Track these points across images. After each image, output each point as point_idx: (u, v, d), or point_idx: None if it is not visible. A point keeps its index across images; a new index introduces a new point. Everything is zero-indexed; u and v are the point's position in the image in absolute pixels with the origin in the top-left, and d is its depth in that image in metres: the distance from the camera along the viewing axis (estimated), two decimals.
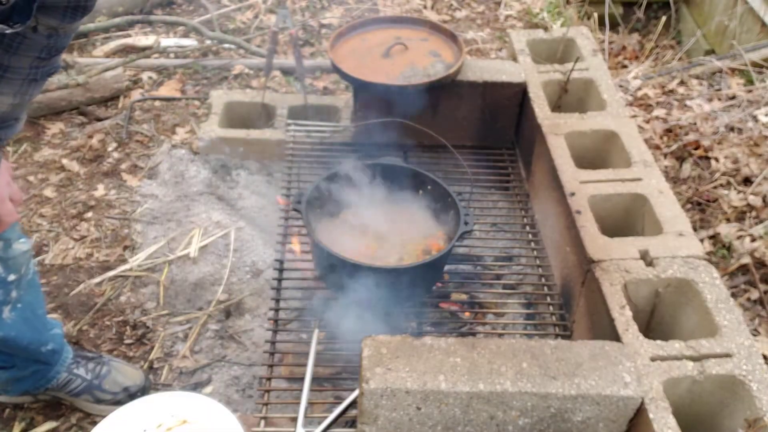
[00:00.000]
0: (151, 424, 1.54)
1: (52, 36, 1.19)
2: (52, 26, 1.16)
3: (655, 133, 2.89)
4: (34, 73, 1.22)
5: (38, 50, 1.19)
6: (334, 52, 2.34)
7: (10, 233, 1.48)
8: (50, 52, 1.22)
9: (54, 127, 2.88)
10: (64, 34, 1.21)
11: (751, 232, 2.37)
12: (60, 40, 1.21)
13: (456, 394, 1.34)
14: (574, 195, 1.87)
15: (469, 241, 2.14)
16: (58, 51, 1.24)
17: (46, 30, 1.16)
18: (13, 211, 1.29)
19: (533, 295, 2.05)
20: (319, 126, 2.57)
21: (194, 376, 1.99)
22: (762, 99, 2.97)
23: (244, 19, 3.71)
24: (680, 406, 1.39)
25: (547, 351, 1.42)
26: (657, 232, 1.77)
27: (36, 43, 1.18)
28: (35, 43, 1.18)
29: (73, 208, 2.51)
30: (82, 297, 2.19)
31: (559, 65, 2.44)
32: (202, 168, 2.68)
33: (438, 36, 2.46)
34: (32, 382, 1.78)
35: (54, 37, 1.19)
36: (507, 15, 4.01)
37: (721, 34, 3.85)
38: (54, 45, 1.21)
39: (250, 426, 1.60)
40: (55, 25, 1.16)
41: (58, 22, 1.16)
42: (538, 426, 1.40)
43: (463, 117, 2.43)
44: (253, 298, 2.21)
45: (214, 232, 2.42)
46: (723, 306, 1.55)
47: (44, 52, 1.20)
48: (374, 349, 1.40)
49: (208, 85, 3.17)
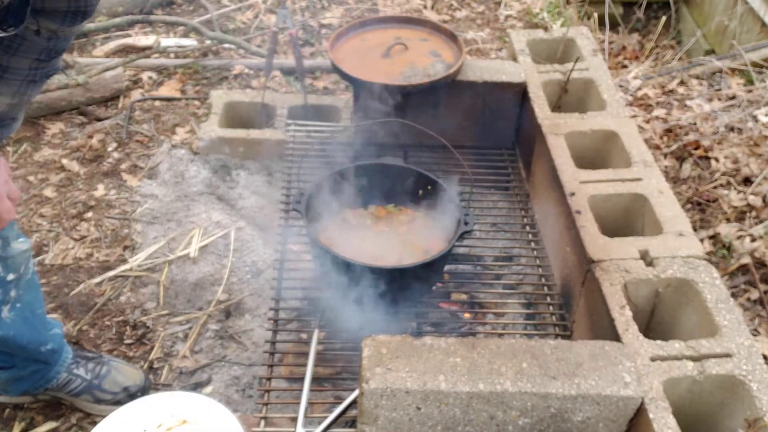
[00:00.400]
0: (151, 424, 1.54)
1: (52, 39, 1.19)
2: (52, 29, 1.17)
3: (655, 133, 2.89)
4: (33, 75, 1.23)
5: (38, 52, 1.20)
6: (334, 52, 2.34)
7: (8, 231, 1.48)
8: (50, 54, 1.22)
9: (54, 127, 2.87)
10: (64, 37, 1.22)
11: (751, 232, 2.37)
12: (60, 42, 1.22)
13: (456, 394, 1.34)
14: (574, 195, 1.87)
15: (469, 241, 2.14)
16: (58, 53, 1.24)
17: (46, 33, 1.17)
18: (11, 209, 1.29)
19: (533, 295, 2.05)
20: (319, 126, 2.57)
21: (194, 376, 1.99)
22: (762, 99, 2.97)
23: (244, 19, 3.71)
24: (680, 406, 1.39)
25: (547, 351, 1.42)
26: (657, 232, 1.77)
27: (36, 45, 1.18)
28: (35, 45, 1.18)
29: (73, 208, 2.51)
30: (82, 297, 2.19)
31: (559, 65, 2.44)
32: (202, 168, 2.68)
33: (438, 36, 2.46)
34: (32, 382, 1.78)
35: (54, 40, 1.20)
36: (507, 15, 4.01)
37: (721, 34, 3.85)
38: (54, 47, 1.22)
39: (250, 426, 1.60)
40: (54, 29, 1.17)
41: (58, 26, 1.17)
42: (538, 426, 1.40)
43: (463, 117, 2.43)
44: (253, 298, 2.21)
45: (214, 232, 2.42)
46: (723, 306, 1.55)
47: (44, 54, 1.21)
48: (374, 349, 1.40)
49: (208, 85, 3.17)
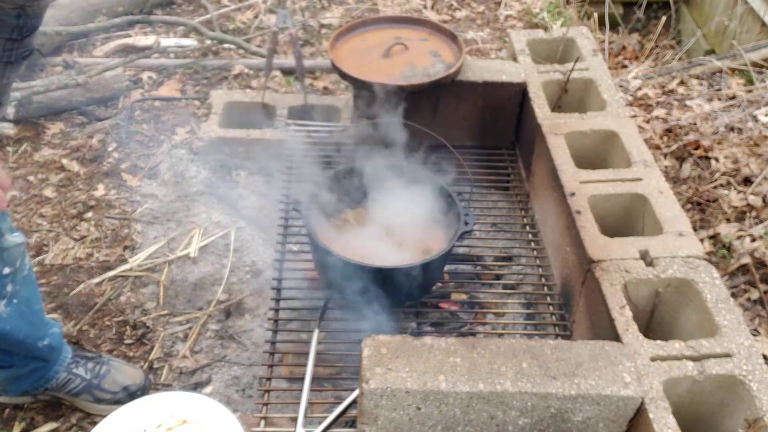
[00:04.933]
0: (151, 424, 1.54)
1: (21, 16, 1.19)
2: (18, 4, 1.16)
3: (655, 133, 2.89)
4: (8, 56, 1.23)
5: (8, 31, 1.19)
6: (334, 52, 2.34)
7: (2, 223, 1.48)
8: (21, 33, 1.22)
9: (54, 127, 2.87)
10: (33, 14, 1.21)
11: (751, 232, 2.37)
12: (30, 20, 1.22)
13: (456, 394, 1.34)
14: (574, 195, 1.87)
15: (469, 241, 2.14)
16: (30, 31, 1.24)
17: (13, 9, 1.16)
18: (2, 198, 1.28)
19: (533, 295, 2.05)
20: (319, 126, 2.57)
21: (194, 376, 1.99)
22: (762, 99, 2.97)
23: (244, 19, 3.71)
24: (680, 406, 1.39)
25: (547, 351, 1.42)
26: (657, 232, 1.77)
27: (5, 24, 1.18)
28: (5, 24, 1.18)
29: (73, 208, 2.51)
30: (82, 297, 2.19)
31: (559, 65, 2.44)
32: (202, 168, 2.68)
33: (438, 36, 2.46)
34: (31, 381, 1.78)
35: (23, 17, 1.20)
36: (507, 15, 4.01)
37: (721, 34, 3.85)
38: (24, 25, 1.21)
39: (250, 426, 1.60)
40: (21, 3, 1.16)
41: (24, 0, 1.16)
42: (538, 426, 1.40)
43: (463, 117, 2.43)
44: (253, 298, 2.21)
45: (214, 232, 2.42)
46: (723, 306, 1.55)
47: (15, 32, 1.20)
48: (374, 349, 1.40)
49: (208, 85, 3.17)
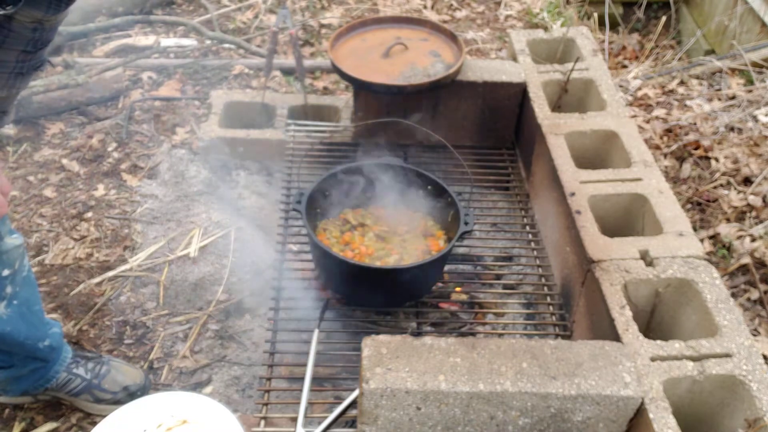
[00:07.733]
0: (151, 424, 1.54)
1: (37, 29, 1.19)
2: (37, 18, 1.16)
3: (655, 133, 2.89)
4: (21, 67, 1.23)
5: (24, 44, 1.20)
6: (334, 52, 2.34)
7: (1, 227, 1.49)
8: (36, 46, 1.22)
9: (54, 127, 2.87)
10: (49, 27, 1.22)
11: (751, 232, 2.37)
12: (45, 33, 1.22)
13: (456, 394, 1.34)
14: (574, 195, 1.87)
15: (469, 241, 2.14)
16: (44, 44, 1.24)
17: (31, 23, 1.17)
18: (2, 203, 1.29)
19: (533, 295, 2.05)
20: (319, 126, 2.57)
21: (194, 376, 1.99)
22: (762, 99, 2.97)
23: (244, 19, 3.71)
24: (680, 406, 1.39)
25: (547, 351, 1.42)
26: (657, 232, 1.77)
27: (21, 37, 1.18)
28: (21, 37, 1.18)
29: (73, 208, 2.51)
30: (82, 297, 2.19)
31: (559, 65, 2.44)
32: (202, 168, 2.68)
33: (438, 36, 2.46)
34: (31, 381, 1.78)
35: (39, 31, 1.20)
36: (507, 15, 4.01)
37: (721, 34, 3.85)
38: (39, 38, 1.21)
39: (250, 426, 1.61)
40: (39, 17, 1.16)
41: (42, 14, 1.16)
42: (538, 426, 1.40)
43: (463, 117, 2.43)
44: (253, 298, 2.21)
45: (214, 232, 2.42)
46: (723, 306, 1.55)
47: (30, 45, 1.21)
48: (374, 349, 1.40)
49: (208, 85, 3.17)
